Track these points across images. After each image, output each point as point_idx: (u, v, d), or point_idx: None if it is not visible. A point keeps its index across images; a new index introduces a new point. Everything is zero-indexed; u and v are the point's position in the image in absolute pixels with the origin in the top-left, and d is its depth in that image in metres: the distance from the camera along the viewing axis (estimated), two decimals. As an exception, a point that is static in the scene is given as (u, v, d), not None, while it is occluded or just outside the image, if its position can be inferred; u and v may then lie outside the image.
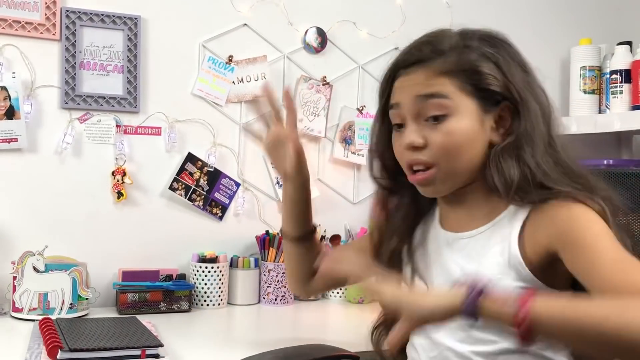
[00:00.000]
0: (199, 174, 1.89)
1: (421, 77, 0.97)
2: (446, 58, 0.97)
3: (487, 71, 0.96)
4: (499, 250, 0.96)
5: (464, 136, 0.96)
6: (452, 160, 0.97)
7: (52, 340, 1.20)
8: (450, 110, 0.96)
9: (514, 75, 0.97)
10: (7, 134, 1.69)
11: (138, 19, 1.82)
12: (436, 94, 0.96)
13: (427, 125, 0.97)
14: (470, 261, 0.99)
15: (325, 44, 2.05)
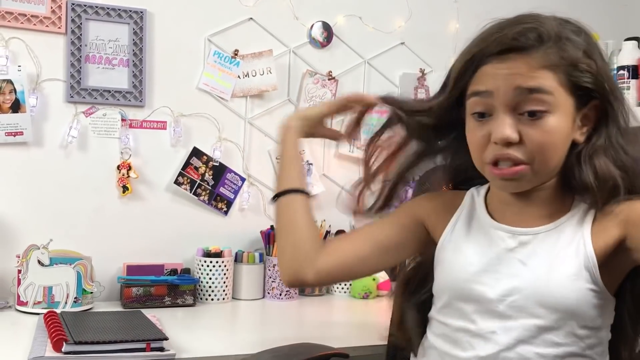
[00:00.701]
0: (204, 169, 1.89)
1: (523, 68, 0.90)
2: (548, 49, 0.91)
3: (587, 68, 0.91)
4: (573, 251, 0.93)
5: (561, 135, 0.91)
6: (545, 160, 0.92)
7: (57, 333, 1.20)
8: (551, 107, 0.90)
9: (605, 72, 0.93)
10: (13, 127, 1.68)
11: (144, 12, 1.82)
12: (540, 88, 0.89)
13: (522, 120, 0.90)
14: (539, 259, 0.94)
15: (331, 38, 2.05)
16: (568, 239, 0.94)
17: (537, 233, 0.96)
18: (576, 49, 0.92)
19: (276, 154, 1.25)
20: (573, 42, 0.92)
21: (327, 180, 2.05)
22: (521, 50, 0.91)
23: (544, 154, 0.91)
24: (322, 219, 1.98)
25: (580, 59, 0.91)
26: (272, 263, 1.86)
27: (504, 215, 1.01)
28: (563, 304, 0.91)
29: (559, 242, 0.94)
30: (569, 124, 0.92)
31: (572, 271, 0.92)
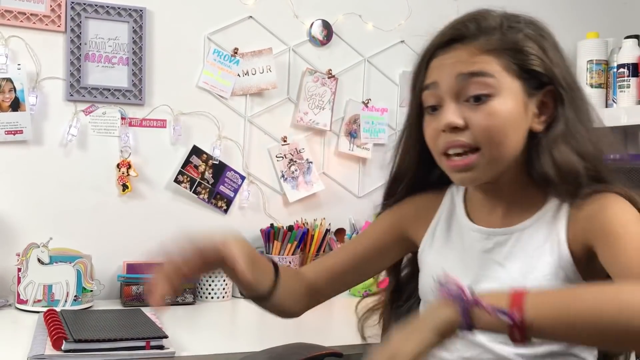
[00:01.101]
0: (204, 167, 1.89)
1: (464, 55, 0.91)
2: (491, 36, 0.92)
3: (532, 52, 0.91)
4: (548, 250, 0.92)
5: (508, 119, 0.90)
6: (495, 145, 0.90)
7: (56, 332, 1.20)
8: (495, 90, 0.90)
9: (559, 61, 0.93)
10: (13, 125, 1.69)
11: (143, 10, 1.82)
12: (480, 72, 0.90)
13: (467, 106, 0.90)
14: (515, 260, 0.94)
15: (330, 36, 2.04)
16: (542, 237, 0.93)
17: (512, 232, 0.95)
18: (520, 35, 0.93)
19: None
20: (517, 29, 0.93)
21: (326, 178, 2.05)
22: (463, 39, 0.93)
23: (491, 137, 0.89)
24: (322, 217, 1.99)
25: (525, 43, 0.92)
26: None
27: (480, 215, 1.00)
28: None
29: (533, 241, 0.93)
30: (518, 108, 0.91)
31: (547, 271, 0.91)
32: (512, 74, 0.91)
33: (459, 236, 1.02)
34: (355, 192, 2.08)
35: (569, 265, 0.90)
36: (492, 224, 0.98)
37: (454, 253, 1.02)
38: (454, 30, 0.93)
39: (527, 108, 0.92)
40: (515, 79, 0.91)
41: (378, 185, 2.08)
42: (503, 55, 0.91)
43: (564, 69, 0.94)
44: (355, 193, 2.08)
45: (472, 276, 0.97)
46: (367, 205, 2.08)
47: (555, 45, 0.96)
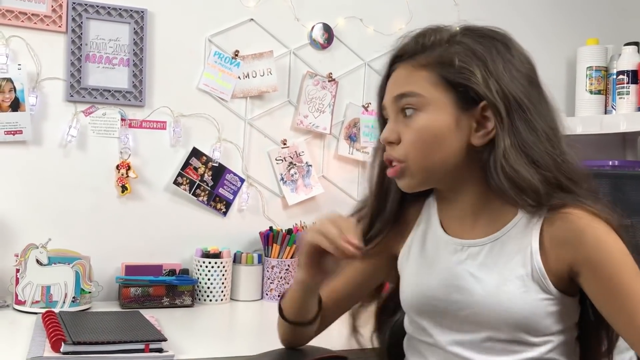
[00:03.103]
0: (204, 169, 1.89)
1: (402, 74, 0.97)
2: (430, 52, 0.95)
3: (465, 66, 0.92)
4: (520, 262, 0.93)
5: (433, 132, 0.93)
6: (420, 157, 0.95)
7: (55, 333, 1.20)
8: (420, 106, 0.94)
9: (500, 75, 0.92)
10: (12, 126, 1.68)
11: (144, 12, 1.82)
12: (407, 93, 0.95)
13: (402, 122, 0.96)
14: (488, 272, 0.95)
15: (331, 40, 2.05)
16: (515, 248, 0.94)
17: (485, 244, 0.96)
18: (463, 50, 0.94)
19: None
20: (461, 44, 0.94)
21: (326, 181, 2.05)
22: (408, 56, 0.97)
23: (415, 151, 0.94)
24: (314, 221, 1.98)
25: (461, 58, 0.93)
26: (271, 264, 1.85)
27: (453, 226, 1.02)
28: (513, 317, 0.92)
29: (505, 252, 0.94)
30: (447, 122, 0.93)
31: (519, 283, 0.92)
32: (443, 88, 0.94)
33: (435, 247, 1.03)
34: (355, 196, 2.08)
35: (542, 277, 0.92)
36: (464, 235, 0.99)
37: (429, 264, 1.03)
38: (398, 49, 0.99)
39: (459, 122, 0.93)
40: (445, 94, 0.94)
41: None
42: (435, 69, 0.94)
43: (508, 83, 0.92)
44: (355, 196, 2.08)
45: (446, 287, 0.98)
46: (366, 209, 2.08)
47: (505, 57, 0.94)
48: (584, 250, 0.89)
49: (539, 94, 0.96)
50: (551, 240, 0.91)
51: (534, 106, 0.93)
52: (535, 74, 0.97)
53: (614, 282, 0.87)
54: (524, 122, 0.92)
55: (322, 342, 1.32)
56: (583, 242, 0.89)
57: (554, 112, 0.97)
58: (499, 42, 0.96)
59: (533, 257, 0.92)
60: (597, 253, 0.88)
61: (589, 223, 0.89)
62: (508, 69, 0.93)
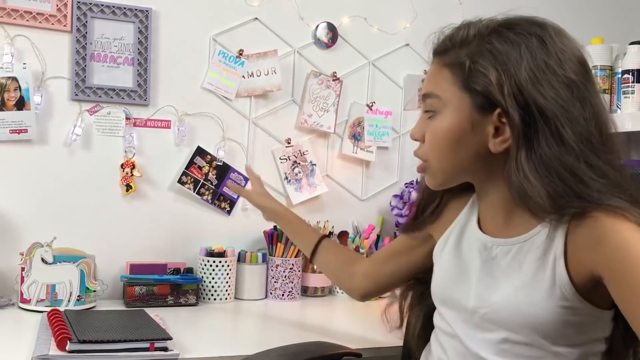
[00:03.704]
0: (208, 168, 1.89)
1: (431, 72, 0.98)
2: (455, 51, 0.93)
3: (480, 69, 0.89)
4: (543, 267, 0.89)
5: (447, 134, 0.93)
6: (438, 159, 0.96)
7: (61, 332, 1.20)
8: (439, 108, 0.94)
9: (523, 79, 0.87)
10: (17, 124, 1.68)
11: (149, 11, 1.82)
12: (429, 94, 0.96)
13: (427, 121, 0.98)
14: (511, 273, 0.93)
15: (335, 39, 2.05)
16: (540, 252, 0.91)
17: (512, 244, 0.95)
18: (483, 50, 0.90)
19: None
20: (484, 43, 0.91)
21: (330, 180, 2.05)
22: (437, 54, 0.97)
23: (433, 152, 0.96)
24: (325, 219, 1.98)
25: (478, 60, 0.90)
26: (275, 263, 1.86)
27: (488, 224, 1.01)
28: (530, 321, 0.89)
29: (529, 256, 0.92)
30: (462, 124, 0.92)
31: (540, 289, 0.89)
32: (461, 90, 0.92)
33: (468, 243, 1.03)
34: (359, 195, 2.08)
35: (567, 285, 0.87)
36: (496, 233, 0.98)
37: (460, 258, 1.03)
38: (435, 44, 0.99)
39: (477, 126, 0.91)
40: (464, 95, 0.92)
41: (382, 188, 2.08)
42: (455, 70, 0.92)
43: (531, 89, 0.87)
44: (359, 196, 2.08)
45: (471, 283, 0.98)
46: (370, 208, 2.09)
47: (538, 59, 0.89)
48: (605, 251, 0.83)
49: (581, 96, 0.89)
50: (574, 246, 0.87)
51: (567, 113, 0.87)
52: (581, 73, 0.90)
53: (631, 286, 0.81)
54: (547, 132, 0.86)
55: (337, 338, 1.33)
56: (604, 243, 0.83)
57: (599, 116, 0.90)
58: (535, 37, 0.91)
59: (557, 262, 0.88)
60: (619, 253, 0.82)
61: (612, 225, 0.83)
62: (537, 71, 0.88)
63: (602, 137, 0.89)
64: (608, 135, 0.90)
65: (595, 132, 0.88)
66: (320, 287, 1.94)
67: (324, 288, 1.95)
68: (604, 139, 0.89)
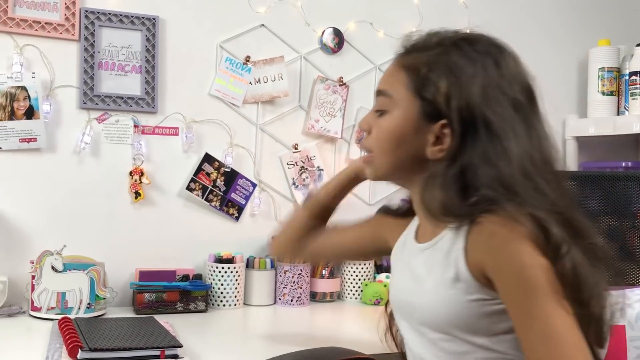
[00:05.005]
0: (216, 175, 1.89)
1: (389, 71, 1.01)
2: (414, 55, 0.97)
3: (432, 78, 0.92)
4: (448, 265, 0.92)
5: (390, 134, 0.97)
6: (379, 153, 1.00)
7: (72, 340, 1.21)
8: (389, 107, 0.97)
9: (471, 95, 0.90)
10: (27, 133, 1.70)
11: (156, 19, 1.83)
12: (382, 91, 0.99)
13: (376, 115, 1.01)
14: (428, 275, 0.96)
15: (342, 44, 2.05)
16: (445, 252, 0.93)
17: (426, 249, 0.99)
18: (437, 60, 0.93)
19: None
20: (442, 54, 0.93)
21: (338, 186, 2.05)
22: (401, 55, 1.00)
23: (377, 146, 0.99)
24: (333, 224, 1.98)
25: (429, 68, 0.93)
26: (284, 269, 1.86)
27: (422, 232, 1.04)
28: (448, 319, 0.91)
29: (439, 257, 0.94)
30: (406, 127, 0.95)
31: (449, 285, 0.91)
32: (412, 94, 0.95)
33: (408, 252, 1.06)
34: (366, 200, 2.08)
35: (468, 279, 0.89)
36: (422, 238, 1.02)
37: (401, 267, 1.06)
38: (399, 47, 1.02)
39: (419, 131, 0.94)
40: (413, 100, 0.95)
41: (389, 193, 2.08)
42: (410, 74, 0.95)
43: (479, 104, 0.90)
44: (366, 200, 2.08)
45: (405, 290, 1.01)
46: (378, 212, 2.08)
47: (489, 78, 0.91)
48: (493, 258, 0.86)
49: (527, 119, 0.92)
50: (472, 247, 0.89)
51: (513, 130, 0.90)
52: (528, 98, 0.94)
53: (511, 298, 0.84)
54: (490, 147, 0.89)
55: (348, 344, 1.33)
56: (493, 250, 0.85)
57: (543, 140, 0.93)
58: (492, 57, 0.94)
59: (458, 260, 0.90)
60: (505, 263, 0.84)
61: (501, 229, 0.85)
62: (488, 88, 0.91)
63: (543, 159, 0.92)
64: (549, 158, 0.93)
65: (536, 153, 0.91)
66: (329, 293, 1.94)
67: (333, 293, 1.95)
68: (545, 161, 0.92)
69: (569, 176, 1.69)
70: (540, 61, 2.30)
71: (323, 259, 1.44)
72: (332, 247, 1.33)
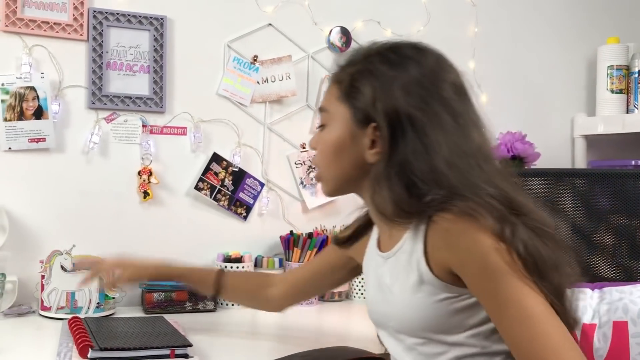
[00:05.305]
0: (224, 174, 1.90)
1: (327, 88, 1.05)
2: (343, 69, 1.02)
3: (357, 85, 0.97)
4: (411, 269, 0.94)
5: (330, 146, 1.01)
6: (325, 167, 1.04)
7: (82, 340, 1.21)
8: (328, 121, 1.02)
9: (394, 97, 0.94)
10: (36, 133, 1.70)
11: (164, 19, 1.83)
12: (321, 107, 1.05)
13: (319, 131, 1.05)
14: (394, 283, 0.98)
15: (349, 43, 2.05)
16: (407, 256, 0.95)
17: (389, 257, 1.00)
18: (365, 69, 0.98)
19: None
20: (367, 63, 0.98)
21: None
22: (334, 72, 1.04)
23: (322, 160, 1.04)
24: (341, 223, 1.97)
25: (359, 77, 0.97)
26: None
27: (382, 240, 1.06)
28: (419, 323, 0.93)
29: (402, 262, 0.96)
30: (344, 136, 0.99)
31: (414, 289, 0.93)
32: (344, 105, 0.99)
33: (374, 262, 1.07)
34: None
35: (432, 280, 0.91)
36: (385, 247, 1.03)
37: (372, 277, 1.07)
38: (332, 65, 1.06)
39: (355, 138, 0.98)
40: (346, 110, 0.99)
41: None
42: (340, 86, 1.01)
43: (402, 105, 0.93)
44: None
45: (378, 300, 1.03)
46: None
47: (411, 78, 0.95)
48: (456, 253, 0.87)
49: (454, 111, 0.95)
50: (431, 246, 0.91)
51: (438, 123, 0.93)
52: (454, 92, 0.96)
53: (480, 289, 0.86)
54: (418, 143, 0.92)
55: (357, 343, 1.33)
56: (454, 245, 0.87)
57: (472, 128, 0.96)
58: (413, 59, 0.97)
59: (419, 262, 0.92)
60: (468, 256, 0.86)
61: (456, 225, 0.87)
62: (410, 86, 0.94)
63: (476, 146, 0.94)
64: (482, 145, 0.96)
65: (468, 142, 0.94)
66: (337, 292, 1.94)
67: (341, 293, 1.95)
68: (479, 148, 0.95)
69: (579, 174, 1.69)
70: (549, 59, 2.29)
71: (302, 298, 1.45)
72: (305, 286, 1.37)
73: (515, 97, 2.27)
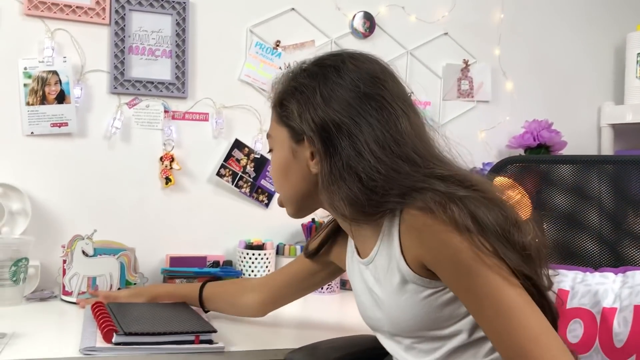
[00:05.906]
0: (246, 161, 1.88)
1: (271, 115, 1.07)
2: (276, 93, 1.04)
3: (285, 104, 1.00)
4: (392, 270, 0.94)
5: (278, 166, 1.04)
6: (280, 189, 1.07)
7: (106, 324, 1.20)
8: (273, 145, 1.06)
9: (318, 105, 0.96)
10: (58, 118, 1.69)
11: (186, 3, 1.81)
12: (267, 134, 1.08)
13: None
14: (380, 288, 0.99)
15: (373, 29, 2.01)
16: (387, 259, 0.96)
17: (369, 262, 1.01)
18: (291, 88, 1.00)
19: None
20: (294, 82, 1.01)
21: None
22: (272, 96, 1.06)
23: (276, 183, 1.08)
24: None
25: (287, 97, 1.00)
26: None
27: (358, 247, 1.06)
28: (412, 323, 0.94)
29: (382, 265, 0.97)
30: (286, 154, 1.02)
31: (399, 289, 0.93)
32: (282, 125, 1.02)
33: (358, 268, 1.07)
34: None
35: (414, 277, 0.91)
36: (364, 254, 1.04)
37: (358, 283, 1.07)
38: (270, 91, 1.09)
39: (296, 154, 1.01)
40: (283, 130, 1.02)
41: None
42: (275, 109, 1.04)
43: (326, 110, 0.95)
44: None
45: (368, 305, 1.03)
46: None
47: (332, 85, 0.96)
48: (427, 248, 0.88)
49: (378, 105, 0.95)
50: (405, 245, 0.92)
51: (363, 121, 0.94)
52: (375, 85, 0.97)
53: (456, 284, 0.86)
54: (348, 144, 0.93)
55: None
56: (424, 241, 0.88)
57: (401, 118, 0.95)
58: (331, 67, 0.98)
59: (399, 262, 0.93)
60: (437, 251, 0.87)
61: (423, 223, 0.87)
62: (329, 92, 0.96)
63: (407, 134, 0.94)
64: (414, 130, 0.95)
65: (397, 132, 0.94)
66: (359, 280, 1.92)
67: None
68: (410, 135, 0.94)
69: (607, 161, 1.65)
70: (576, 46, 2.24)
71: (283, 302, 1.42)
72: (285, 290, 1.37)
73: (542, 85, 2.22)
